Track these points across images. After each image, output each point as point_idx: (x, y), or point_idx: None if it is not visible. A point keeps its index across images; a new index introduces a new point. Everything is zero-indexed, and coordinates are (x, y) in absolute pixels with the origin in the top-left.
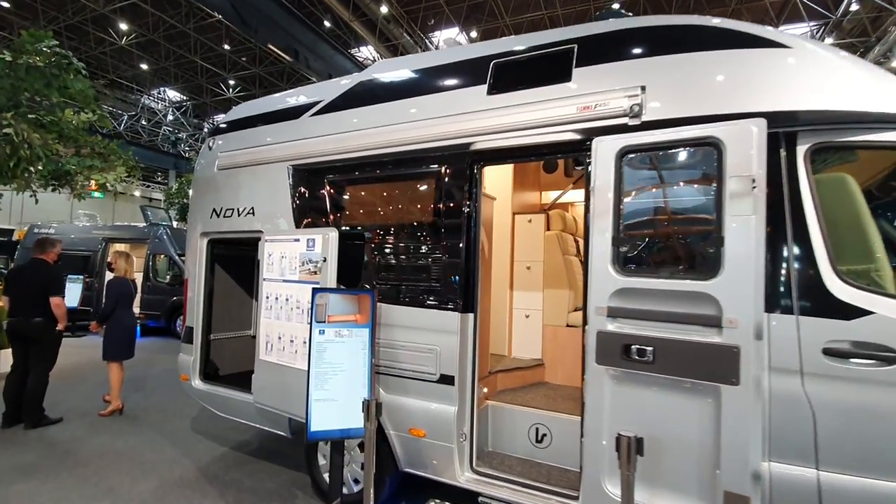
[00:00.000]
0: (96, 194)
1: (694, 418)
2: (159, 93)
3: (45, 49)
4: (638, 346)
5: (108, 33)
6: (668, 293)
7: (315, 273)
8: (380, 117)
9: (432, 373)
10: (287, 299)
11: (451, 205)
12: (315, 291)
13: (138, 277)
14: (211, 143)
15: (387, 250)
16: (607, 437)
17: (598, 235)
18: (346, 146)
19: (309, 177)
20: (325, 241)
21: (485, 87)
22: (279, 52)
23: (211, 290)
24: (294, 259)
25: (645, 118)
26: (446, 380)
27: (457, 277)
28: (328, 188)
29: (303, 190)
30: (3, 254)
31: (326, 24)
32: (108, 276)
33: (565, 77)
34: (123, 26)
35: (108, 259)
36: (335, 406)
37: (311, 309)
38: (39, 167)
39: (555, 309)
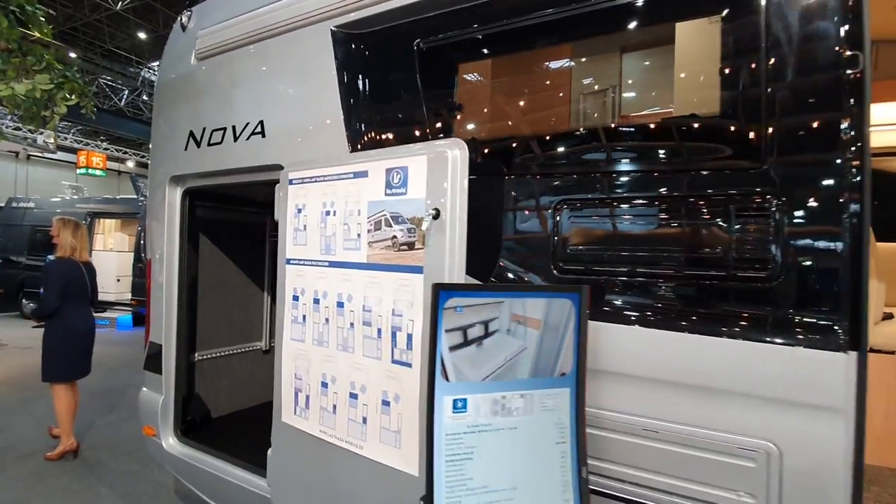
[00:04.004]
0: (98, 172)
1: None
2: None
3: None
4: None
5: None
6: None
7: (410, 248)
8: None
9: None
10: (341, 304)
11: (803, 81)
12: (443, 294)
13: (126, 259)
14: (185, 20)
15: (606, 198)
16: None
17: None
18: None
19: (383, 47)
20: (437, 171)
21: None
22: None
23: (194, 279)
24: (355, 216)
25: None
26: None
27: (829, 263)
28: (431, 68)
29: (369, 75)
30: None
31: None
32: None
33: None
34: None
35: (52, 231)
36: None
37: (436, 340)
38: None
39: None
